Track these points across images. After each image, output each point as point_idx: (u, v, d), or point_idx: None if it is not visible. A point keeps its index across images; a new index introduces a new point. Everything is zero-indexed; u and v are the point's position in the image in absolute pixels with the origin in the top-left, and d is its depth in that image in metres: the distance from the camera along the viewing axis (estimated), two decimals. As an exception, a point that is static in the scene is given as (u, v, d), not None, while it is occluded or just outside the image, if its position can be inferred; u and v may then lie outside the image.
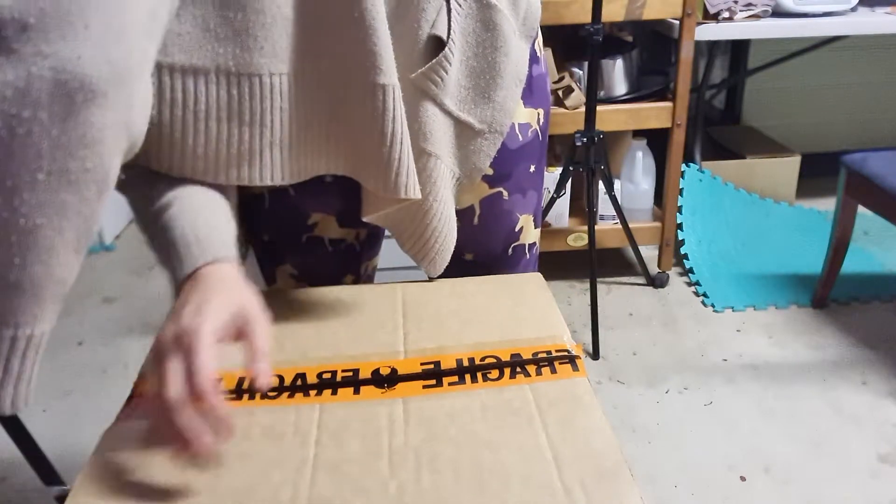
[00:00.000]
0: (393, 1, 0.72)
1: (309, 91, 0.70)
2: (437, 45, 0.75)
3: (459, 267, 0.90)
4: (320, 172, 0.75)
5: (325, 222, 0.87)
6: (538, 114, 0.89)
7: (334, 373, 0.69)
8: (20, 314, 0.53)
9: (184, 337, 0.56)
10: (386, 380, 0.68)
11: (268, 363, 0.58)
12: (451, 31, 0.75)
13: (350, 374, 0.69)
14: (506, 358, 0.70)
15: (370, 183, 0.74)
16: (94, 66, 0.49)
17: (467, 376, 0.68)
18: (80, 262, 0.55)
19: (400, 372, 0.69)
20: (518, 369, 0.69)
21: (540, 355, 0.71)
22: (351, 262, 0.93)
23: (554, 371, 0.69)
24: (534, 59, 0.86)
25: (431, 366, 0.70)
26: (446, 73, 0.76)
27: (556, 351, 0.71)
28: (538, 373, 0.68)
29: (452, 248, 0.84)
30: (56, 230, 0.52)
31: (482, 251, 0.92)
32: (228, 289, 0.63)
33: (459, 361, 0.70)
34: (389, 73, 0.69)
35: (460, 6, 0.75)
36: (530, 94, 0.87)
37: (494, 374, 0.68)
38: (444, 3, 0.74)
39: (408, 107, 0.75)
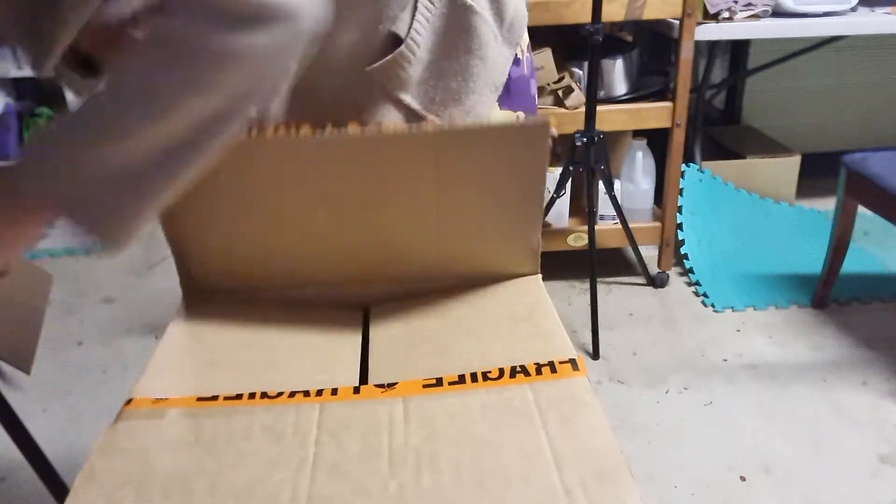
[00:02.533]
0: None
1: None
2: (399, 42, 0.73)
3: None
4: None
5: None
6: (517, 117, 0.86)
7: None
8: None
9: None
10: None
11: None
12: (413, 31, 0.73)
13: None
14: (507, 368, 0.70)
15: None
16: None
17: (467, 376, 0.68)
18: None
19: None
20: (518, 369, 0.69)
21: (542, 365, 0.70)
22: None
23: (554, 371, 0.68)
24: (514, 60, 0.83)
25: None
26: (405, 71, 0.74)
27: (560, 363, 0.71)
28: (538, 372, 0.68)
29: None
30: (183, 183, 0.58)
31: None
32: None
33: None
34: None
35: (433, 4, 0.73)
36: (507, 96, 0.84)
37: (494, 373, 0.68)
38: (412, 0, 0.72)
39: (363, 102, 0.74)
